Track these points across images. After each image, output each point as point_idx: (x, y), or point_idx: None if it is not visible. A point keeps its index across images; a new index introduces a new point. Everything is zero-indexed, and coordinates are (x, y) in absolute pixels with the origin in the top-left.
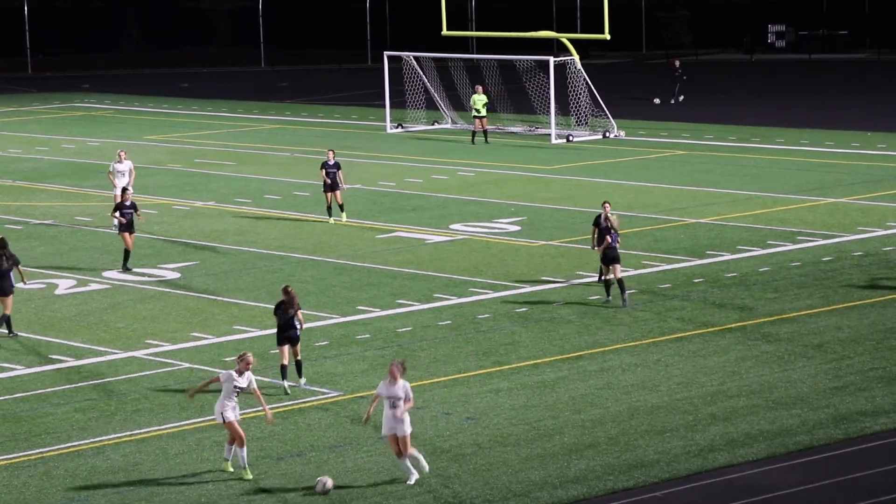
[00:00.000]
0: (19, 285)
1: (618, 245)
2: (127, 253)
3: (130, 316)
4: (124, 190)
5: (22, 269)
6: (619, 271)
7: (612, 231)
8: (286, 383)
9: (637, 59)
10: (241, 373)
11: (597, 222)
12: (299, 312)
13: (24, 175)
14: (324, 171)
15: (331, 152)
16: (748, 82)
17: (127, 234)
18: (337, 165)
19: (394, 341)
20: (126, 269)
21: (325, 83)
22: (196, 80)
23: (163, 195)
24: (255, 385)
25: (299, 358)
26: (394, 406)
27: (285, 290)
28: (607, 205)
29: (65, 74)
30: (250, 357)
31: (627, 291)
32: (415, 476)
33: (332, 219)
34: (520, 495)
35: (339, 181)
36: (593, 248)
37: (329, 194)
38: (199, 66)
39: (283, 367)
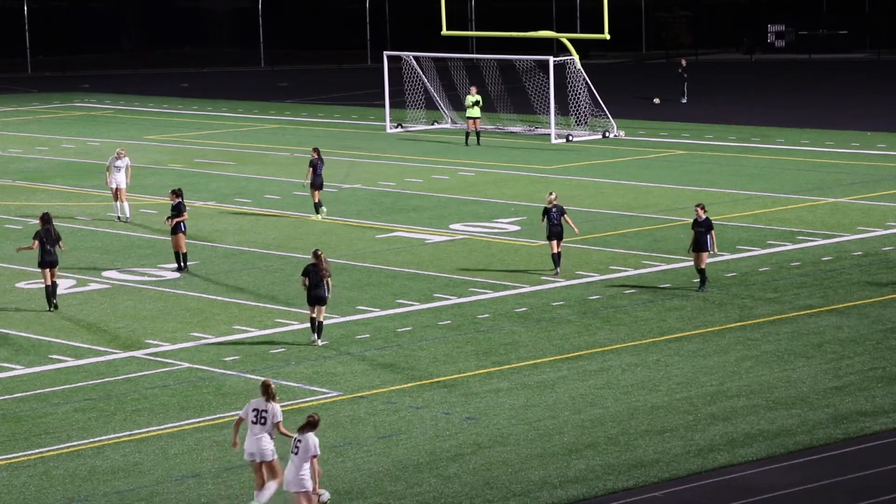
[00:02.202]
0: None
1: (558, 222)
2: (176, 255)
3: (130, 316)
4: (172, 192)
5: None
6: (560, 245)
7: (555, 211)
8: (314, 336)
9: (637, 59)
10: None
11: (695, 224)
12: (329, 279)
13: (24, 175)
14: (312, 168)
15: (316, 151)
16: (748, 82)
17: (173, 237)
18: (311, 163)
19: (394, 341)
20: (183, 269)
21: (326, 83)
22: (196, 80)
23: (163, 195)
24: (279, 418)
25: (322, 320)
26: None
27: (315, 254)
28: (553, 193)
29: (65, 74)
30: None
31: (560, 265)
32: None
33: (319, 215)
34: (520, 495)
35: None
36: (690, 250)
37: (315, 191)
38: (199, 66)
39: (313, 321)
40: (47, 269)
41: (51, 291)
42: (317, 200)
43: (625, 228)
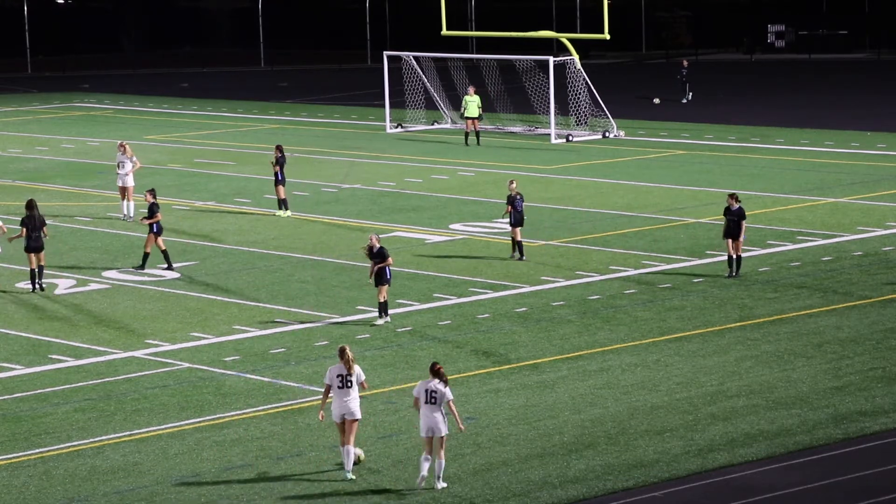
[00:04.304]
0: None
1: (521, 210)
2: (144, 255)
3: (130, 316)
4: (148, 191)
5: (47, 228)
6: (519, 234)
7: (519, 199)
8: (382, 320)
9: (637, 59)
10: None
11: (727, 211)
12: (391, 259)
13: (24, 175)
14: (280, 167)
15: (279, 149)
16: (748, 82)
17: (148, 236)
18: (277, 161)
19: (394, 341)
20: (168, 268)
21: (325, 83)
22: (196, 80)
23: (163, 195)
24: (363, 377)
25: (385, 299)
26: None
27: (378, 240)
28: (514, 182)
29: (65, 74)
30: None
31: (525, 256)
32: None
33: (287, 212)
34: (520, 495)
35: (278, 176)
36: (723, 237)
37: (281, 188)
38: (199, 66)
39: (380, 304)
40: (32, 254)
41: (36, 274)
42: (283, 197)
43: (625, 228)
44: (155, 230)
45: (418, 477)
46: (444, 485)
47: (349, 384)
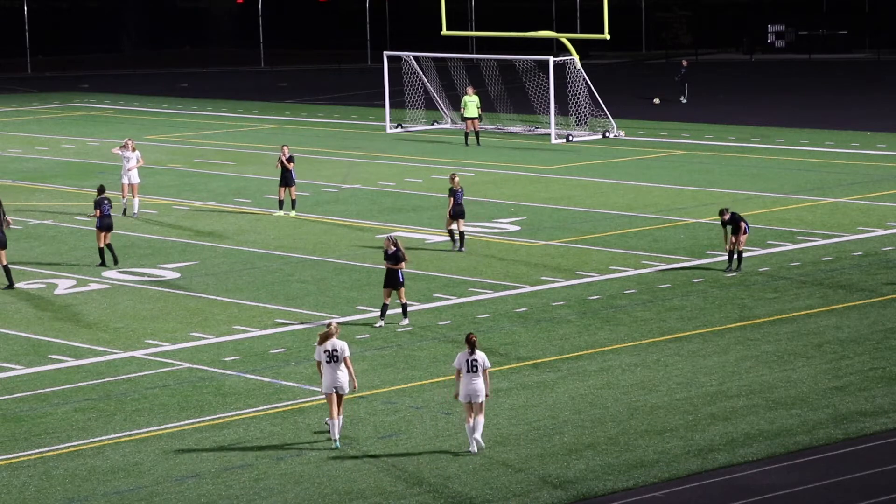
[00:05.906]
0: None
1: (461, 202)
2: (100, 251)
3: (130, 316)
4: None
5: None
6: (462, 224)
7: (459, 192)
8: (382, 322)
9: (637, 59)
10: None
11: (723, 224)
12: (404, 263)
13: (24, 175)
14: (281, 166)
15: (286, 147)
16: (748, 82)
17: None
18: (291, 159)
19: (394, 341)
20: (101, 264)
21: (325, 83)
22: (196, 80)
23: (163, 195)
24: (347, 353)
25: (405, 301)
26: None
27: (394, 243)
28: (456, 176)
29: (65, 74)
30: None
31: (464, 246)
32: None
33: (281, 212)
34: (520, 495)
35: (293, 176)
36: (726, 245)
37: (282, 189)
38: (199, 66)
39: (385, 306)
40: (2, 251)
41: (6, 271)
42: (293, 198)
43: (625, 228)
44: (98, 226)
45: (471, 445)
46: (483, 444)
47: (335, 359)
